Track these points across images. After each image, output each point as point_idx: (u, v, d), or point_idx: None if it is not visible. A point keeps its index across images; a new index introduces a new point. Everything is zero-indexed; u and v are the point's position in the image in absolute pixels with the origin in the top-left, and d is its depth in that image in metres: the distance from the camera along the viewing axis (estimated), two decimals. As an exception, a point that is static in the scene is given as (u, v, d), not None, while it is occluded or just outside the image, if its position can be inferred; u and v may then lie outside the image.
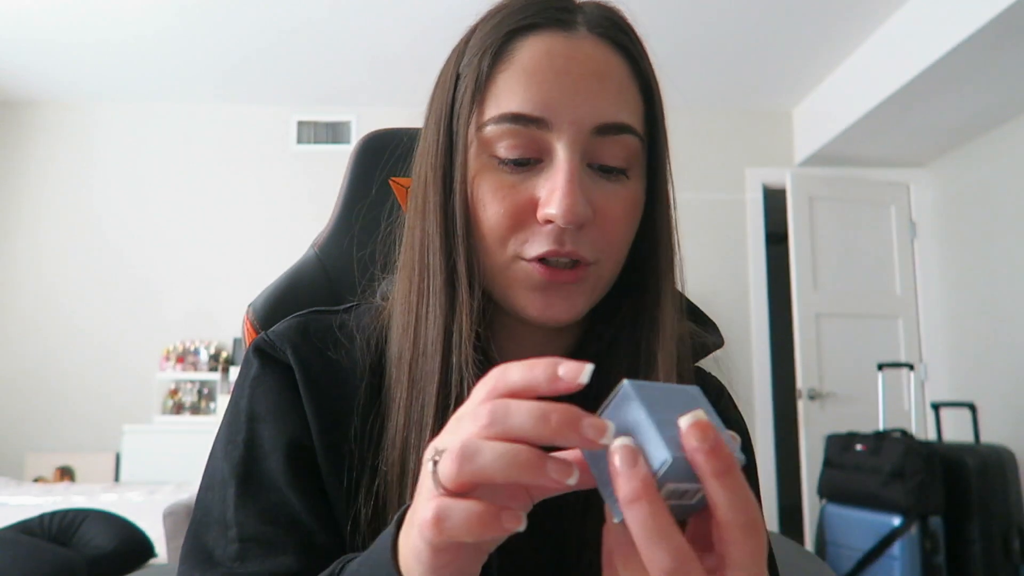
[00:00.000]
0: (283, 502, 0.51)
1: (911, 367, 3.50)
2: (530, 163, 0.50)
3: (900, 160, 3.91)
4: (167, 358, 3.71)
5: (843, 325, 3.73)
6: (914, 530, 2.74)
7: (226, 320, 3.75)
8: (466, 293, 0.51)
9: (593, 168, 0.51)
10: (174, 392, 3.71)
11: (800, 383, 3.61)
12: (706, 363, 0.66)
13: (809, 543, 3.45)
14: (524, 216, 0.50)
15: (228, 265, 3.81)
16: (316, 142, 3.97)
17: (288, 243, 2.23)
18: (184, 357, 3.71)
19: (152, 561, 2.11)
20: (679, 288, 0.60)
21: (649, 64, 0.55)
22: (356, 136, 3.92)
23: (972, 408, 3.13)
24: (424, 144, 0.56)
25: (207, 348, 3.73)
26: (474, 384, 0.49)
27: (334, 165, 3.73)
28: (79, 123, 3.93)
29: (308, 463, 0.53)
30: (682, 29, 3.18)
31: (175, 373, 3.67)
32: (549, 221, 0.49)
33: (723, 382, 0.67)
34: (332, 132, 3.98)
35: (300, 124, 3.98)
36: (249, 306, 0.75)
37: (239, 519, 0.50)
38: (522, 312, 0.52)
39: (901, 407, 3.53)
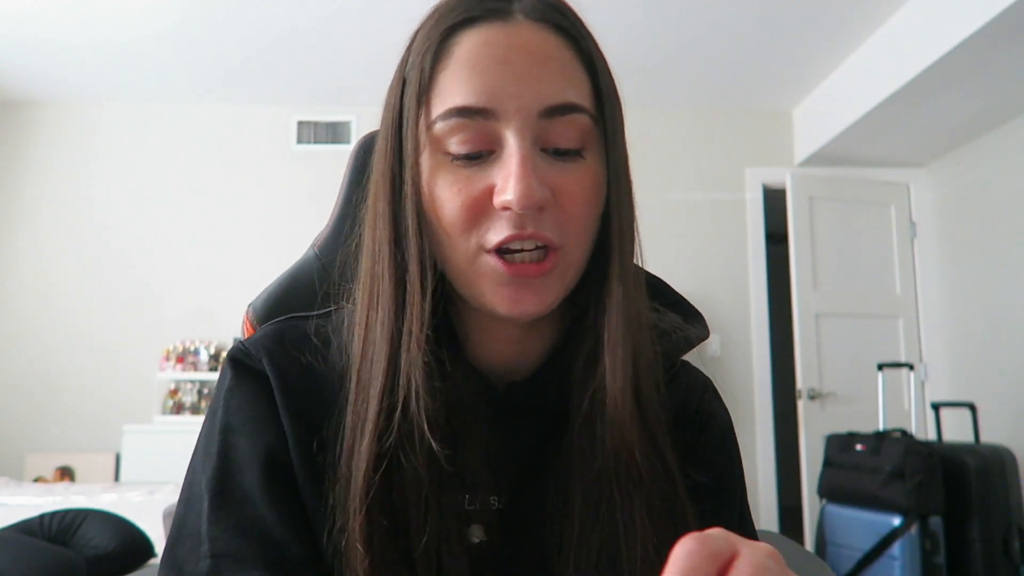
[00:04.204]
0: (256, 516, 0.50)
1: (911, 367, 3.50)
2: (482, 155, 0.50)
3: (900, 160, 3.91)
4: (167, 358, 3.71)
5: (843, 325, 3.73)
6: (914, 530, 2.74)
7: (226, 320, 3.75)
8: (417, 295, 0.50)
9: (547, 152, 0.50)
10: (174, 392, 3.71)
11: (800, 383, 3.61)
12: (689, 355, 0.66)
13: (809, 543, 3.45)
14: (482, 206, 0.49)
15: (228, 265, 3.81)
16: (316, 142, 3.97)
17: (288, 243, 2.23)
18: (184, 357, 3.71)
19: (152, 561, 2.10)
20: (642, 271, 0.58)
21: (592, 43, 0.54)
22: (356, 136, 3.92)
23: (972, 408, 3.13)
24: (376, 152, 0.55)
25: (207, 348, 3.73)
26: (423, 388, 0.49)
27: (334, 165, 3.73)
28: (79, 123, 3.93)
29: (284, 474, 0.52)
30: (682, 29, 3.18)
31: (175, 373, 3.67)
32: (507, 208, 0.48)
33: (708, 375, 0.67)
34: (332, 132, 3.98)
35: (300, 124, 3.98)
36: (249, 306, 0.75)
37: (212, 534, 0.49)
38: (492, 308, 0.51)
39: (901, 407, 3.53)
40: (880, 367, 3.43)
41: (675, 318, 0.62)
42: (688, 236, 3.90)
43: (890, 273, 3.88)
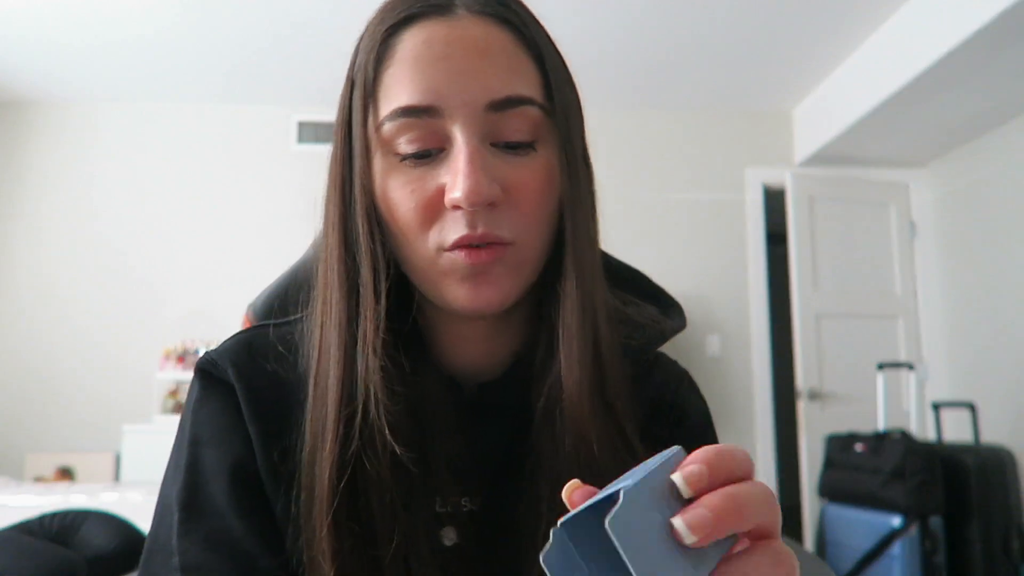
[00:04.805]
0: (225, 528, 0.50)
1: (911, 367, 3.50)
2: (432, 154, 0.49)
3: (900, 160, 3.91)
4: (167, 358, 3.71)
5: (843, 325, 3.73)
6: (914, 530, 2.74)
7: (226, 320, 3.75)
8: (370, 300, 0.50)
9: (498, 147, 0.49)
10: (174, 392, 3.71)
11: (800, 383, 3.61)
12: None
13: (809, 543, 3.45)
14: (436, 206, 0.49)
15: (228, 265, 3.81)
16: (316, 142, 3.97)
17: (288, 243, 2.23)
18: (184, 357, 3.71)
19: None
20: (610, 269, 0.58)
21: (539, 32, 0.53)
22: (356, 136, 3.92)
23: (972, 408, 3.13)
24: (329, 157, 0.55)
25: (207, 348, 3.72)
26: (382, 393, 0.48)
27: (334, 165, 3.72)
28: (79, 123, 3.93)
29: (253, 485, 0.52)
30: (682, 29, 3.18)
31: (175, 373, 3.67)
32: (457, 207, 0.48)
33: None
34: (332, 132, 3.97)
35: (300, 124, 3.98)
36: (249, 306, 0.75)
37: (182, 547, 0.49)
38: (453, 305, 0.51)
39: (901, 407, 3.53)
40: (880, 367, 3.42)
41: (652, 310, 0.62)
42: (688, 236, 3.89)
43: (890, 273, 3.87)
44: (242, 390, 0.54)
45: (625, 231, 3.85)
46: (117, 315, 3.78)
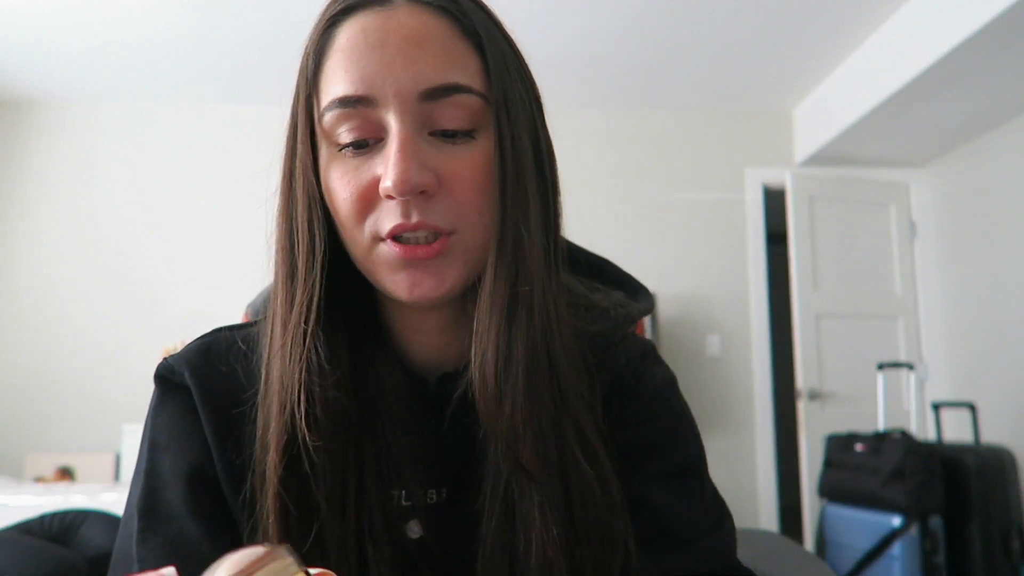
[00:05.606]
0: (182, 533, 0.50)
1: (911, 367, 3.50)
2: (369, 144, 0.49)
3: (900, 160, 3.91)
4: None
5: (843, 325, 3.73)
6: (914, 530, 2.74)
7: (226, 320, 3.73)
8: (301, 294, 0.51)
9: (436, 135, 0.49)
10: (174, 392, 3.71)
11: (800, 383, 3.61)
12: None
13: (809, 543, 3.45)
14: (371, 197, 0.49)
15: (228, 265, 3.81)
16: (316, 142, 3.97)
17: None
18: (184, 357, 3.70)
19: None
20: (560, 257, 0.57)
21: (482, 20, 0.52)
22: (356, 136, 3.91)
23: (972, 408, 3.13)
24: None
25: (207, 348, 3.73)
26: (303, 387, 0.48)
27: (334, 165, 3.72)
28: (79, 123, 3.93)
29: (211, 488, 0.52)
30: (682, 29, 3.18)
31: (175, 373, 3.67)
32: (390, 196, 0.48)
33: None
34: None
35: (300, 124, 3.98)
36: (248, 305, 0.75)
37: (140, 554, 0.49)
38: (395, 295, 0.51)
39: (901, 407, 3.53)
40: (880, 367, 3.42)
41: (618, 295, 0.62)
42: (688, 236, 3.89)
43: (890, 273, 3.87)
44: (198, 393, 0.54)
45: (625, 231, 3.85)
46: (117, 315, 3.78)
